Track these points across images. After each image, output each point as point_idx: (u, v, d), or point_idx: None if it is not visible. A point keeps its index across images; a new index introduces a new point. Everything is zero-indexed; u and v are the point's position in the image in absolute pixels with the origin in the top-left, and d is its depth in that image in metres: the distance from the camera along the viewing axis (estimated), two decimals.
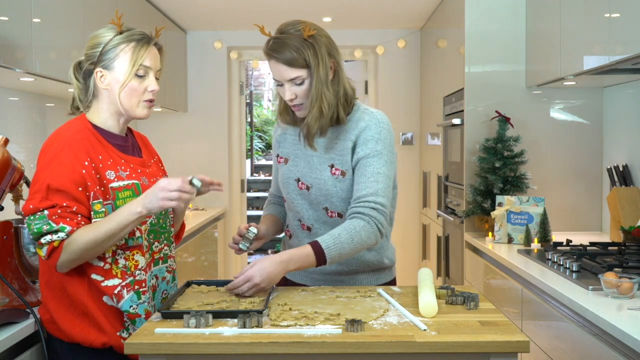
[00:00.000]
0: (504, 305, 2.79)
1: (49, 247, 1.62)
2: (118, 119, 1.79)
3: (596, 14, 2.60)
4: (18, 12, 2.41)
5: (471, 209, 3.34)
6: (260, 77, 12.18)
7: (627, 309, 1.81)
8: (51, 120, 3.34)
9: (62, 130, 1.74)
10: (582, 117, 3.47)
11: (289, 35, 1.86)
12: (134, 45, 1.74)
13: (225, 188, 5.27)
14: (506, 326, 1.52)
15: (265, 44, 1.89)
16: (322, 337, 1.44)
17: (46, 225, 1.61)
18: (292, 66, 1.85)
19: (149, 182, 1.79)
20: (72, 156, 1.66)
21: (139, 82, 1.75)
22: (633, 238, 2.71)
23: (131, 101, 1.75)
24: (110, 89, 1.75)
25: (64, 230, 1.62)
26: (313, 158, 1.97)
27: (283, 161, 2.04)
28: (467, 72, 3.48)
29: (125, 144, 1.82)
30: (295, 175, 1.99)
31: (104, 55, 1.74)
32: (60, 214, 1.62)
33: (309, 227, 2.01)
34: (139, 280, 1.73)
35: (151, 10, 4.27)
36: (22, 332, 1.70)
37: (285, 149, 2.04)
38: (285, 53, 1.84)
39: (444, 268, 4.13)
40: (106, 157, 1.72)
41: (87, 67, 1.77)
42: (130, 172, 1.76)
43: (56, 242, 1.62)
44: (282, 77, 1.87)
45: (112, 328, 1.70)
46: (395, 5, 4.41)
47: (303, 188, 1.98)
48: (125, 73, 1.73)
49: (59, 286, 1.70)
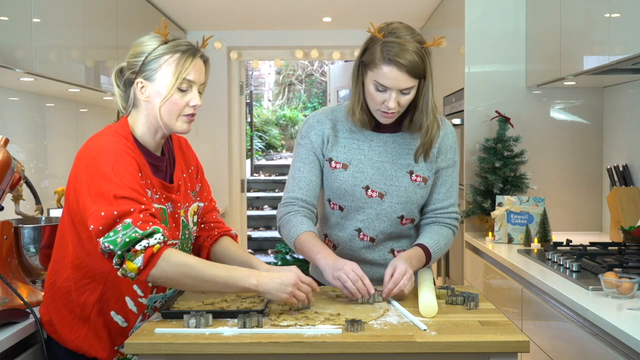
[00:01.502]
0: (504, 305, 2.79)
1: (146, 254, 1.49)
2: (155, 134, 1.69)
3: (596, 14, 2.60)
4: (18, 12, 2.41)
5: (471, 209, 3.34)
6: (260, 77, 12.18)
7: (627, 309, 1.81)
8: (51, 120, 3.34)
9: (110, 138, 1.62)
10: (582, 117, 3.47)
11: (409, 41, 1.74)
12: (178, 57, 1.64)
13: (225, 188, 5.29)
14: (506, 326, 1.52)
15: (380, 46, 1.75)
16: (322, 337, 1.44)
17: (136, 233, 1.49)
18: (412, 75, 1.74)
19: (173, 209, 1.71)
20: (128, 165, 1.57)
21: (181, 96, 1.64)
22: (633, 238, 2.71)
23: (171, 115, 1.65)
24: (151, 101, 1.65)
25: (159, 232, 1.51)
26: (385, 164, 1.88)
27: (341, 167, 1.89)
28: (467, 72, 3.48)
29: (159, 164, 1.72)
30: (364, 183, 1.87)
31: (146, 66, 1.64)
32: (143, 219, 1.50)
33: (372, 238, 1.91)
34: None
35: (151, 10, 4.27)
36: (22, 332, 1.69)
37: (342, 153, 1.90)
38: (409, 60, 1.72)
39: (444, 268, 4.13)
40: (145, 176, 1.65)
41: (128, 75, 1.67)
42: (159, 196, 1.68)
43: (155, 247, 1.50)
44: (398, 85, 1.75)
45: (110, 344, 1.68)
46: (395, 5, 4.41)
47: (374, 196, 1.88)
48: (168, 86, 1.62)
49: (64, 290, 1.67)
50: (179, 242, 1.74)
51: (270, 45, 5.30)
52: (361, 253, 1.94)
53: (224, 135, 5.29)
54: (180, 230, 1.74)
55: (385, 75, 1.74)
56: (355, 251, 1.94)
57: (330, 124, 1.93)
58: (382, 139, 1.90)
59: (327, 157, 1.91)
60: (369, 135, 1.91)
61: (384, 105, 1.79)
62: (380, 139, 1.90)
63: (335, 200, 1.92)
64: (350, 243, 1.94)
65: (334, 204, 1.94)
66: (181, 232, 1.74)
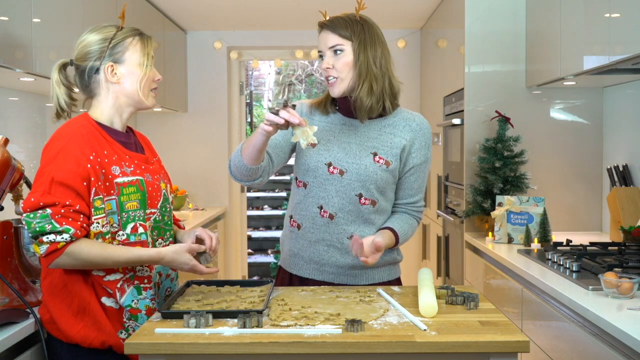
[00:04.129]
0: (504, 305, 2.79)
1: (50, 247, 1.61)
2: (121, 114, 1.81)
3: (596, 14, 2.60)
4: (18, 12, 2.41)
5: (471, 209, 3.34)
6: (260, 77, 12.18)
7: (627, 309, 1.81)
8: (51, 120, 3.34)
9: (66, 126, 1.74)
10: (582, 117, 3.47)
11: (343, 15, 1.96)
12: (139, 38, 1.80)
13: (225, 188, 5.29)
14: (506, 326, 1.52)
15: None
16: (322, 337, 1.44)
17: (49, 225, 1.60)
18: (335, 33, 1.92)
19: (152, 179, 1.81)
20: (77, 150, 1.67)
21: (149, 72, 1.81)
22: (633, 238, 2.71)
23: (145, 90, 1.80)
24: (122, 81, 1.77)
25: (68, 232, 1.62)
26: (351, 145, 1.98)
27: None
28: (467, 72, 3.48)
29: (128, 140, 1.83)
30: (327, 160, 1.97)
31: (112, 50, 1.76)
32: (63, 214, 1.62)
33: (331, 214, 1.98)
34: (139, 276, 1.76)
35: (151, 10, 4.27)
36: (22, 332, 1.70)
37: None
38: (334, 22, 1.94)
39: (444, 268, 4.13)
40: (111, 153, 1.73)
41: (91, 64, 1.77)
42: (134, 168, 1.77)
43: (60, 243, 1.61)
44: (325, 43, 1.93)
45: (111, 328, 1.71)
46: (395, 5, 4.40)
47: (335, 172, 1.96)
48: (141, 64, 1.78)
49: (60, 285, 1.71)
50: (158, 212, 1.81)
51: (270, 45, 5.30)
52: (321, 232, 2.00)
53: (224, 135, 5.29)
54: (159, 201, 1.82)
55: (319, 39, 1.96)
56: (317, 229, 2.00)
57: (308, 108, 2.09)
58: (354, 124, 2.01)
59: None
60: (342, 120, 2.03)
61: (322, 68, 1.95)
62: (352, 124, 2.01)
63: (301, 177, 2.03)
64: (312, 220, 2.00)
65: (299, 181, 2.04)
66: (161, 203, 1.82)
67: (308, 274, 2.04)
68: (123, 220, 1.72)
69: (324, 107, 2.04)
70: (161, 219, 1.83)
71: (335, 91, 1.95)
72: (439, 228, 4.32)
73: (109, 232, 1.70)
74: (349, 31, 1.92)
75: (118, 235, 1.72)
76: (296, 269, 2.06)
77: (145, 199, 1.76)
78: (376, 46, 1.94)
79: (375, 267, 2.03)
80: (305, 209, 2.01)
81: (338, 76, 1.93)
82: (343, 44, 1.92)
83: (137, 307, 1.73)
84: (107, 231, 1.70)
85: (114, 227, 1.71)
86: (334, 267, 2.01)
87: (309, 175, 2.00)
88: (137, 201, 1.74)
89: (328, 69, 1.93)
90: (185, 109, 5.19)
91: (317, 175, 1.98)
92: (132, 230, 1.72)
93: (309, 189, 2.00)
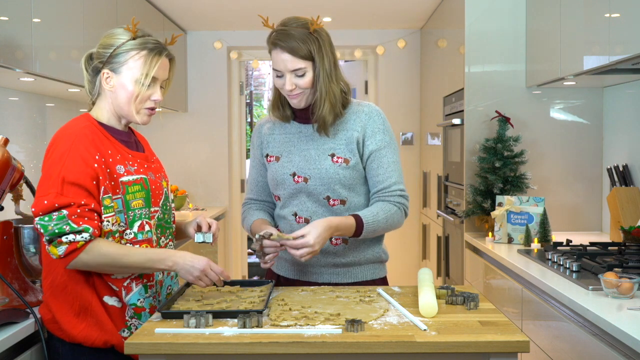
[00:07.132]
0: (504, 305, 2.79)
1: (69, 247, 1.60)
2: (119, 119, 1.81)
3: (596, 14, 2.60)
4: (18, 12, 2.41)
5: (471, 209, 3.34)
6: (260, 77, 12.19)
7: (627, 309, 1.81)
8: (51, 120, 3.34)
9: (69, 126, 1.73)
10: (582, 117, 3.47)
11: (294, 27, 1.92)
12: (145, 54, 1.74)
13: (225, 188, 5.29)
14: (506, 326, 1.52)
15: (269, 35, 1.94)
16: (322, 337, 1.44)
17: (67, 226, 1.60)
18: (296, 56, 1.90)
19: (155, 177, 1.82)
20: (84, 150, 1.66)
21: (144, 91, 1.75)
22: (633, 238, 2.71)
23: (131, 108, 1.75)
24: (114, 92, 1.75)
25: (88, 231, 1.61)
26: (310, 151, 2.01)
27: (274, 159, 2.06)
28: (467, 72, 3.48)
29: (129, 139, 1.83)
30: (290, 170, 2.01)
31: (113, 58, 1.74)
32: (79, 214, 1.61)
33: (306, 219, 2.01)
34: (146, 274, 1.76)
35: (151, 10, 4.27)
36: (22, 332, 1.70)
37: (276, 147, 2.07)
38: (291, 42, 1.89)
39: (444, 268, 4.13)
40: (115, 152, 1.74)
41: (96, 64, 1.77)
42: (137, 167, 1.78)
43: (80, 242, 1.61)
44: (286, 67, 1.91)
45: (114, 327, 1.71)
46: (395, 5, 4.41)
47: (300, 181, 2.00)
48: (133, 82, 1.73)
49: (62, 285, 1.70)
50: (160, 210, 1.82)
51: None
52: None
53: (224, 135, 5.29)
54: (162, 199, 1.83)
55: (275, 59, 1.93)
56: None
57: (269, 124, 2.11)
58: (309, 129, 2.03)
59: (265, 154, 2.10)
60: (298, 127, 2.05)
61: (284, 89, 1.95)
62: (307, 129, 2.03)
63: (275, 191, 2.09)
64: (291, 227, 2.04)
65: (275, 195, 2.10)
66: (162, 201, 1.83)
67: (293, 275, 2.09)
68: (130, 218, 1.72)
69: (283, 113, 2.05)
70: (163, 217, 1.84)
71: (301, 104, 1.98)
72: (439, 228, 4.32)
73: (117, 230, 1.70)
74: (307, 51, 1.90)
75: (125, 234, 1.72)
76: (283, 270, 2.11)
77: (149, 197, 1.77)
78: (330, 57, 1.95)
79: (357, 265, 2.05)
80: (283, 217, 2.07)
81: (302, 92, 1.95)
82: (305, 66, 1.91)
83: (142, 305, 1.74)
84: (116, 230, 1.70)
85: (121, 225, 1.71)
86: (316, 267, 2.04)
87: (279, 188, 2.05)
88: (142, 199, 1.75)
89: (292, 90, 1.93)
90: (185, 109, 5.19)
91: (286, 187, 2.03)
92: (139, 228, 1.73)
93: (283, 201, 2.06)
